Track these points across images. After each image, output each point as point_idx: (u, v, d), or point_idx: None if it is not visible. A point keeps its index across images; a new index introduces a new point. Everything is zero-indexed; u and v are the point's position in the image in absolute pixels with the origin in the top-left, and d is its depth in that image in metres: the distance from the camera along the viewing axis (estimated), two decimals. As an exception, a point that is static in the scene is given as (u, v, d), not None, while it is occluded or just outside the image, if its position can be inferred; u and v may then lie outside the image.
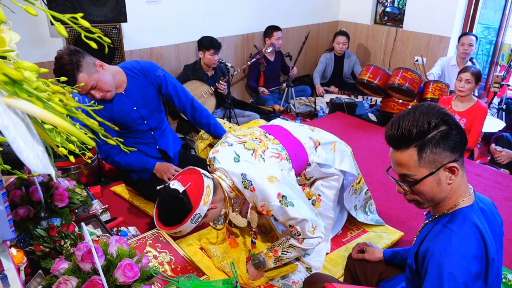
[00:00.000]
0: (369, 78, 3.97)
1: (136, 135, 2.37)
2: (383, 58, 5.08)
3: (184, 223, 1.57)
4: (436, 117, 1.08)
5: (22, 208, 1.58)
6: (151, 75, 2.29)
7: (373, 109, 4.39)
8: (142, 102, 2.28)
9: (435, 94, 3.74)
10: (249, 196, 1.70)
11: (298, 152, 1.84)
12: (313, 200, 2.03)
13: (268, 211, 1.68)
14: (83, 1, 2.88)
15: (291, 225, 1.70)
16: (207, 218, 1.68)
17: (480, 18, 4.55)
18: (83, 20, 0.53)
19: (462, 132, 1.11)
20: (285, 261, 1.87)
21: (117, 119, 2.24)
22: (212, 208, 1.66)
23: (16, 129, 0.38)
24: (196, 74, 3.72)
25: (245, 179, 1.67)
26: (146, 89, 2.29)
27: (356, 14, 5.18)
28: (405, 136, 1.10)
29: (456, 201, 1.17)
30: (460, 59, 4.00)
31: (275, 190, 1.64)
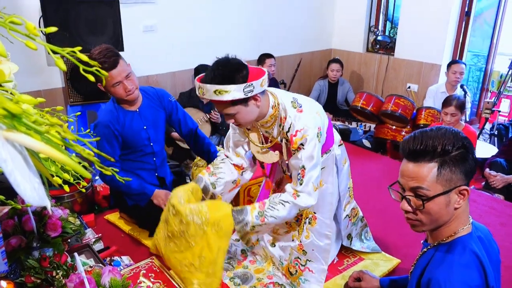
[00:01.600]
0: (363, 105, 4.02)
1: (139, 158, 2.41)
2: (376, 85, 5.16)
3: (236, 84, 1.53)
4: (459, 140, 1.11)
5: (14, 238, 1.56)
6: (164, 100, 2.43)
7: (367, 135, 4.43)
8: (152, 124, 2.37)
9: (428, 120, 3.79)
10: (292, 116, 1.71)
11: (330, 131, 1.90)
12: (309, 218, 2.00)
13: (301, 137, 1.68)
14: (81, 31, 2.93)
15: (304, 166, 1.70)
16: (246, 114, 1.66)
17: (469, 46, 4.66)
18: (81, 54, 0.54)
19: (476, 159, 1.14)
20: (268, 220, 1.72)
21: (127, 136, 2.29)
22: (257, 100, 1.65)
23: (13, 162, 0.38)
24: (192, 101, 3.75)
25: (296, 101, 1.76)
26: (157, 112, 2.39)
27: (348, 42, 5.30)
28: (429, 151, 1.11)
29: (456, 228, 1.17)
30: (450, 86, 4.08)
31: (318, 121, 1.73)
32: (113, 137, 2.25)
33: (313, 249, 2.00)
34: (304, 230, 2.01)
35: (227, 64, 1.59)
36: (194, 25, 3.95)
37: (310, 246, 2.00)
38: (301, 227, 2.03)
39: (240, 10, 4.26)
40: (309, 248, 2.00)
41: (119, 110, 2.28)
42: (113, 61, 2.08)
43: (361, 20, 5.10)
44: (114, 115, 2.25)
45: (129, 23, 3.36)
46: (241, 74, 1.57)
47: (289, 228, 2.09)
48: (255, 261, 2.20)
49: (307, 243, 2.00)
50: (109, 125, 2.22)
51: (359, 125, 4.54)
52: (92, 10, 2.95)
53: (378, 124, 4.12)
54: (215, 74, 1.56)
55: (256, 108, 1.69)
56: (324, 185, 1.96)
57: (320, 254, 2.01)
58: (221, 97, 1.55)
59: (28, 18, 2.52)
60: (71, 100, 3.03)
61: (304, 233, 2.01)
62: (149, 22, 3.63)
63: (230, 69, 1.57)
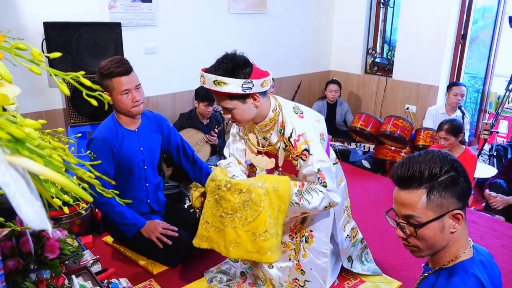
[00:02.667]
0: (362, 126, 4.04)
1: (131, 183, 2.35)
2: (374, 106, 5.20)
3: (236, 78, 1.59)
4: (447, 163, 1.09)
5: (11, 260, 1.54)
6: (163, 124, 2.43)
7: (366, 156, 4.44)
8: (149, 146, 2.35)
9: (427, 141, 3.80)
10: (294, 121, 1.73)
11: (327, 148, 1.92)
12: (305, 236, 1.99)
13: (304, 142, 1.70)
14: (82, 53, 2.97)
15: (320, 169, 1.71)
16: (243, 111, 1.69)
17: (466, 67, 4.72)
18: (84, 79, 0.56)
19: (469, 181, 1.12)
20: (303, 202, 1.72)
21: (123, 155, 2.25)
22: (256, 100, 1.68)
23: (16, 185, 0.39)
24: (192, 122, 3.77)
25: (297, 108, 1.80)
26: (154, 134, 2.39)
27: (346, 64, 5.36)
28: (416, 177, 1.10)
29: (456, 253, 1.15)
30: (450, 108, 4.11)
31: (319, 128, 1.77)
32: (111, 154, 2.20)
33: (311, 268, 1.99)
34: (301, 249, 2.00)
35: (233, 58, 1.65)
36: (194, 47, 4.01)
37: (308, 265, 1.98)
38: (297, 246, 2.02)
39: (239, 32, 4.33)
40: (307, 267, 1.99)
41: (118, 128, 2.25)
42: (127, 68, 2.14)
43: (359, 42, 5.18)
44: (113, 131, 2.22)
45: (130, 45, 3.41)
46: (243, 70, 1.63)
47: (285, 247, 2.08)
48: (254, 283, 2.17)
49: (305, 262, 1.99)
50: (107, 139, 2.18)
51: (358, 146, 4.55)
52: (94, 34, 3.00)
53: (377, 145, 4.14)
54: (219, 65, 1.64)
55: (253, 107, 1.72)
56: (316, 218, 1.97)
57: (319, 273, 1.99)
58: (219, 88, 1.60)
59: (31, 41, 2.58)
60: (71, 121, 3.05)
61: (301, 252, 2.00)
62: (149, 44, 3.69)
63: (234, 64, 1.63)
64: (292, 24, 4.86)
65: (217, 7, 4.09)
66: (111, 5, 3.37)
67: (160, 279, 2.29)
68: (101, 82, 2.16)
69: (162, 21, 3.72)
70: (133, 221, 2.26)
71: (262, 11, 4.48)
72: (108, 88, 2.15)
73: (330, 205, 1.80)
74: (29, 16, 3.01)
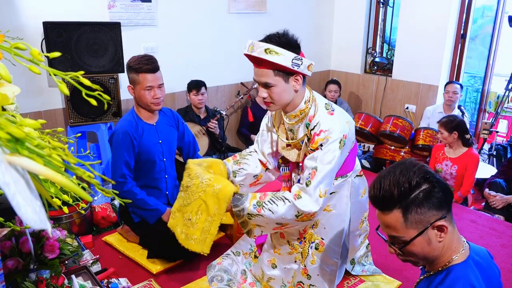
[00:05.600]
0: (361, 126, 4.04)
1: (152, 174, 2.48)
2: (374, 106, 5.20)
3: (288, 51, 1.58)
4: (416, 176, 1.06)
5: (11, 259, 1.54)
6: (179, 121, 2.60)
7: (366, 155, 4.44)
8: (166, 139, 2.50)
9: (426, 141, 3.80)
10: (322, 116, 1.72)
11: (353, 156, 1.91)
12: (316, 243, 1.94)
13: (324, 138, 1.67)
14: (82, 53, 2.97)
15: (317, 168, 1.67)
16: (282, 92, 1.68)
17: (465, 67, 4.72)
18: (84, 79, 0.56)
19: (445, 188, 1.09)
20: (264, 212, 1.70)
21: (143, 147, 2.39)
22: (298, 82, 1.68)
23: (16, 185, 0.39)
24: (189, 117, 3.79)
25: (330, 105, 1.78)
26: (171, 129, 2.54)
27: (346, 64, 5.36)
28: (387, 198, 1.07)
29: (449, 257, 1.14)
30: (447, 106, 4.12)
31: (346, 129, 1.72)
32: (131, 145, 2.35)
33: (318, 274, 1.95)
34: (310, 255, 1.95)
35: (286, 35, 1.65)
36: (194, 47, 4.01)
37: (316, 271, 1.95)
38: (305, 250, 1.98)
39: (239, 32, 4.33)
40: (314, 273, 1.96)
41: (138, 121, 2.40)
42: (155, 66, 2.30)
43: (358, 42, 5.18)
44: (133, 124, 2.37)
45: (130, 45, 3.40)
46: (295, 47, 1.64)
47: (291, 249, 2.06)
48: (254, 283, 2.17)
49: (312, 268, 1.95)
50: (128, 132, 2.32)
51: (358, 146, 4.55)
52: (94, 33, 3.00)
53: (377, 145, 4.14)
54: (272, 38, 1.62)
55: (292, 90, 1.70)
56: (333, 210, 1.91)
57: (325, 279, 1.96)
58: (270, 57, 1.58)
59: (30, 41, 2.58)
60: (71, 120, 3.05)
61: (309, 258, 1.96)
62: (149, 44, 3.68)
63: (287, 39, 1.63)
64: (292, 24, 4.85)
65: (217, 6, 4.09)
66: (111, 5, 3.37)
67: (160, 278, 2.29)
68: (128, 74, 2.32)
69: (161, 21, 3.72)
70: (155, 207, 2.39)
71: (262, 11, 4.48)
72: (133, 82, 2.31)
73: (301, 214, 1.69)
74: (28, 16, 3.01)
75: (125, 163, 2.34)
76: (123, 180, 2.34)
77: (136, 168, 2.43)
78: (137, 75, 2.27)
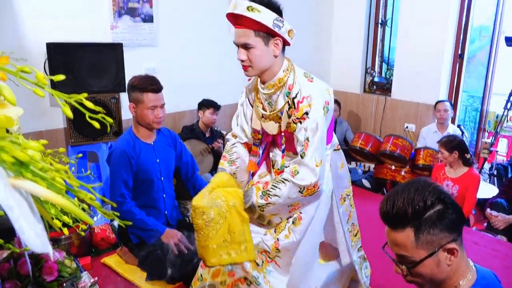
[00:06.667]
0: (361, 145, 4.05)
1: (151, 194, 2.48)
2: (374, 125, 5.22)
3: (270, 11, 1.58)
4: (431, 196, 1.05)
5: (8, 282, 1.52)
6: (177, 140, 2.62)
7: (366, 175, 4.43)
8: (164, 158, 2.51)
9: (427, 161, 3.80)
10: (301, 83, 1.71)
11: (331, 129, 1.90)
12: (294, 217, 1.85)
13: (308, 105, 1.67)
14: (84, 73, 3.00)
15: (308, 139, 1.67)
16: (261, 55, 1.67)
17: (464, 86, 4.76)
18: (88, 102, 0.56)
19: (458, 210, 1.08)
20: (272, 200, 1.72)
21: (140, 166, 2.41)
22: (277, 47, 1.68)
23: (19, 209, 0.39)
24: (195, 134, 3.81)
25: (308, 74, 1.78)
26: (168, 148, 2.56)
27: (346, 83, 5.41)
28: (400, 216, 1.06)
29: (456, 281, 1.11)
30: (440, 125, 4.18)
31: (326, 96, 1.73)
32: (129, 164, 2.36)
33: (288, 250, 1.85)
34: (286, 229, 1.85)
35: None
36: (194, 67, 4.05)
37: (287, 246, 1.84)
38: (281, 225, 1.87)
39: (240, 53, 4.38)
40: (285, 248, 1.85)
41: (135, 140, 2.42)
42: (159, 87, 2.37)
43: (357, 62, 5.23)
44: (131, 143, 2.39)
45: (131, 65, 3.43)
46: (277, 9, 1.64)
47: None
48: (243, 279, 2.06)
49: (285, 243, 1.84)
50: (125, 151, 2.34)
51: (359, 165, 4.55)
52: (96, 54, 3.03)
53: (377, 164, 4.13)
54: None
55: (271, 56, 1.70)
56: None
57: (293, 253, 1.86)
58: (251, 15, 1.58)
59: (33, 61, 2.60)
60: (72, 140, 3.06)
61: (284, 232, 1.85)
62: (150, 64, 3.72)
63: (270, 1, 1.63)
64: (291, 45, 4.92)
65: (218, 27, 4.15)
66: (113, 26, 3.42)
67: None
68: (131, 93, 2.36)
69: (162, 41, 3.76)
70: (154, 227, 2.38)
71: (261, 32, 4.54)
72: (136, 100, 2.35)
73: (305, 188, 1.69)
74: (32, 37, 3.05)
75: (123, 182, 2.35)
76: (121, 199, 2.34)
77: (134, 187, 2.44)
78: (141, 94, 2.31)
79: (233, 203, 1.81)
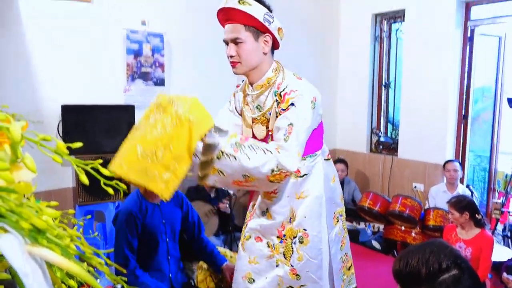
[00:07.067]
0: (370, 205, 4.01)
1: (155, 255, 2.44)
2: (381, 185, 5.19)
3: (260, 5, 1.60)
4: (447, 259, 1.03)
5: None
6: (183, 200, 2.60)
7: (376, 236, 4.33)
8: (170, 219, 2.49)
9: (437, 222, 3.73)
10: (290, 80, 1.68)
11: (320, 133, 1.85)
12: (299, 237, 1.73)
13: (294, 97, 1.62)
14: (96, 133, 3.09)
15: (292, 124, 1.58)
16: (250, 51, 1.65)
17: (470, 146, 4.78)
18: (104, 169, 0.59)
19: (475, 276, 1.06)
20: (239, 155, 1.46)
21: (146, 227, 2.39)
22: (267, 44, 1.68)
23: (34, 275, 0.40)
24: (200, 195, 3.79)
25: (297, 74, 1.74)
26: (175, 208, 2.54)
27: (352, 143, 5.46)
28: (413, 275, 1.04)
29: None
30: (450, 185, 4.14)
31: (315, 93, 1.69)
32: (134, 226, 2.35)
33: (307, 271, 1.74)
34: (295, 252, 1.74)
35: None
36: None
37: (305, 268, 1.73)
38: (289, 247, 1.76)
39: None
40: (303, 270, 1.73)
41: (142, 201, 2.41)
42: None
43: (363, 122, 5.32)
44: (137, 204, 2.39)
45: (142, 126, 3.53)
46: (267, 6, 1.66)
47: (272, 251, 1.80)
48: None
49: (300, 265, 1.73)
50: (132, 211, 2.33)
51: (368, 226, 4.47)
52: (109, 115, 3.14)
53: (387, 225, 4.06)
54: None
55: (261, 53, 1.68)
56: (308, 196, 1.73)
57: (315, 274, 1.74)
58: (242, 7, 1.58)
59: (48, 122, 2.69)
60: (80, 199, 3.08)
61: (295, 255, 1.74)
62: (161, 125, 3.82)
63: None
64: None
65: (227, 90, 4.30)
66: (126, 89, 3.56)
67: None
68: None
69: (173, 104, 3.89)
70: None
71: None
72: None
73: (279, 170, 1.51)
74: (48, 99, 3.18)
75: (127, 244, 2.32)
76: (124, 261, 2.30)
77: (138, 248, 2.41)
78: None
79: (193, 118, 1.42)
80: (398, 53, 5.06)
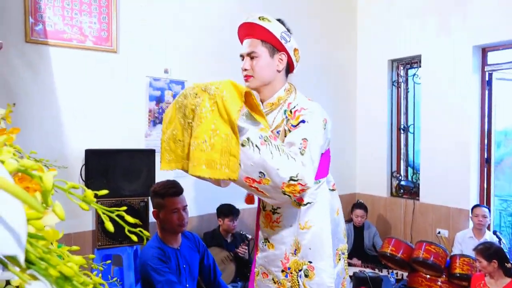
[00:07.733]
0: (392, 251, 3.88)
1: None
2: (404, 230, 5.05)
3: (276, 24, 1.65)
4: None
5: None
6: (200, 244, 2.62)
7: (400, 284, 4.16)
8: (189, 263, 2.48)
9: (464, 270, 3.58)
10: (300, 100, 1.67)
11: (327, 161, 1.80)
12: (304, 270, 1.66)
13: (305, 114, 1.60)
14: (117, 177, 3.14)
15: (307, 138, 1.54)
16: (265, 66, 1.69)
17: (495, 190, 4.64)
18: (128, 216, 0.60)
19: None
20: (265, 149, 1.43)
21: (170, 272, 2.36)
22: (282, 62, 1.71)
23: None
24: (215, 241, 3.75)
25: (308, 98, 1.73)
26: (193, 253, 2.53)
27: (372, 187, 5.39)
28: None
29: None
30: (477, 231, 3.98)
31: (325, 115, 1.70)
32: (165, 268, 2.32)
33: None
34: (301, 286, 1.67)
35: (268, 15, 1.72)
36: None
37: None
38: (295, 282, 1.69)
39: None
40: None
41: (163, 246, 2.40)
42: (179, 190, 2.40)
43: (382, 166, 5.27)
44: (160, 250, 2.37)
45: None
46: (288, 28, 1.72)
47: (279, 286, 1.74)
48: None
49: None
50: (159, 258, 2.31)
51: (390, 273, 4.31)
52: (130, 159, 3.21)
53: (411, 272, 3.91)
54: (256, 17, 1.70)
55: (275, 70, 1.71)
56: (313, 226, 1.67)
57: None
58: (262, 23, 1.64)
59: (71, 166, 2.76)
60: (99, 243, 3.08)
61: None
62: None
63: (280, 19, 1.73)
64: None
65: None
66: (147, 134, 3.65)
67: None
68: (153, 200, 2.42)
69: (193, 148, 3.95)
70: None
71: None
72: (158, 206, 2.39)
73: (297, 180, 1.44)
74: (72, 144, 3.28)
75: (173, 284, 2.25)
76: None
77: None
78: (163, 199, 2.35)
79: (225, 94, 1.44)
80: (416, 97, 5.08)
